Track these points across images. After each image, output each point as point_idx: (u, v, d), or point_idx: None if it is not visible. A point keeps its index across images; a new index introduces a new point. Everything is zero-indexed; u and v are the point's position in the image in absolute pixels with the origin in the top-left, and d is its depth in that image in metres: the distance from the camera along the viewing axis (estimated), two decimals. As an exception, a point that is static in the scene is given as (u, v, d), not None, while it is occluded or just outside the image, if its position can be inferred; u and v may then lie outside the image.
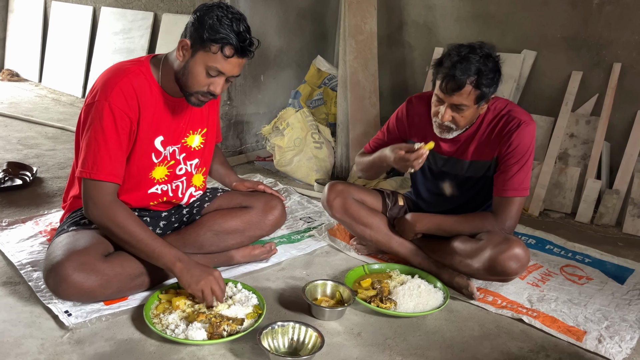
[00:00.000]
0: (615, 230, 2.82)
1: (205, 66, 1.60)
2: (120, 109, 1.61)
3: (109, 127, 1.60)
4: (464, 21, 3.41)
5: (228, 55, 1.58)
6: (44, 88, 5.35)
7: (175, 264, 1.63)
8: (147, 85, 1.68)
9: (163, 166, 1.80)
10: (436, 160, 2.03)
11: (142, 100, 1.66)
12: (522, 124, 1.85)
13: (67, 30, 5.24)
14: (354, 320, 1.76)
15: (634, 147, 2.86)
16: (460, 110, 1.80)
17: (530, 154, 1.87)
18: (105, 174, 1.61)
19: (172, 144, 1.79)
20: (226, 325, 1.56)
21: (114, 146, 1.62)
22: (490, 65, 1.75)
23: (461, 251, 1.91)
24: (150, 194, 1.81)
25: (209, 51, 1.58)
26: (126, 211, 1.66)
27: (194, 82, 1.63)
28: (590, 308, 1.92)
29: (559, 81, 3.10)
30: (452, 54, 1.77)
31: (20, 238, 2.09)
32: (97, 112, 1.60)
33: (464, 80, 1.73)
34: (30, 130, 3.80)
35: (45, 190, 2.69)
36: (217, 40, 1.56)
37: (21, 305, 1.68)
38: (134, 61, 1.72)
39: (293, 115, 3.21)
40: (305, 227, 2.49)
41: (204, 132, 1.89)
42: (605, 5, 2.90)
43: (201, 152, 1.90)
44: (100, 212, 1.64)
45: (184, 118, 1.80)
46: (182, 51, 1.62)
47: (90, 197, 1.64)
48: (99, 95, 1.61)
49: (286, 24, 3.69)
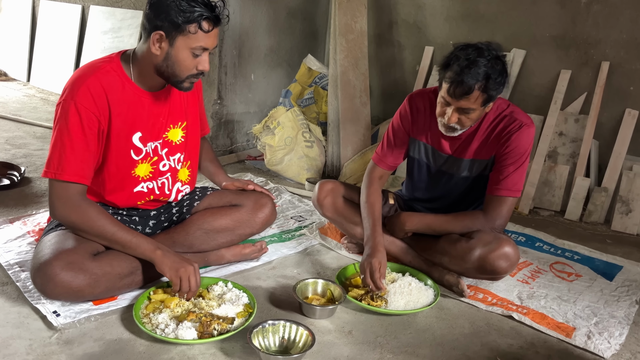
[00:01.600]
0: (604, 227, 2.84)
1: (189, 49, 1.59)
2: (86, 108, 1.58)
3: (74, 127, 1.58)
4: (454, 20, 3.43)
5: (207, 30, 1.58)
6: (32, 87, 5.31)
7: (155, 251, 1.64)
8: (118, 82, 1.65)
9: (146, 163, 1.78)
10: (436, 158, 2.03)
11: (112, 98, 1.63)
12: (522, 127, 1.85)
13: (56, 29, 5.20)
14: (345, 319, 1.76)
15: (622, 145, 2.88)
16: (467, 113, 1.78)
17: (526, 157, 1.88)
18: (69, 174, 1.58)
19: (152, 139, 1.77)
20: (216, 325, 1.55)
21: (79, 146, 1.59)
22: (498, 68, 1.72)
23: (451, 250, 1.92)
24: (136, 192, 1.80)
25: (188, 33, 1.56)
26: (95, 208, 1.64)
27: (182, 68, 1.62)
28: (580, 304, 1.94)
29: (548, 80, 3.12)
30: (460, 57, 1.72)
31: (8, 238, 2.07)
32: (64, 111, 1.58)
33: (473, 86, 1.70)
34: (19, 130, 3.76)
35: (33, 190, 2.67)
36: (193, 20, 1.54)
37: (9, 306, 1.66)
38: (105, 58, 1.69)
39: (284, 114, 3.21)
40: (296, 226, 2.49)
41: (184, 126, 1.86)
42: (594, 4, 2.92)
43: (184, 146, 1.88)
44: (69, 211, 1.62)
45: (162, 112, 1.78)
46: (157, 44, 1.59)
47: (56, 197, 1.61)
48: (66, 95, 1.59)
49: (276, 23, 3.68)
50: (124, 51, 1.73)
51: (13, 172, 2.77)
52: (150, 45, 1.60)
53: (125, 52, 1.72)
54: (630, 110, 2.89)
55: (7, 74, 5.68)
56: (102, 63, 1.66)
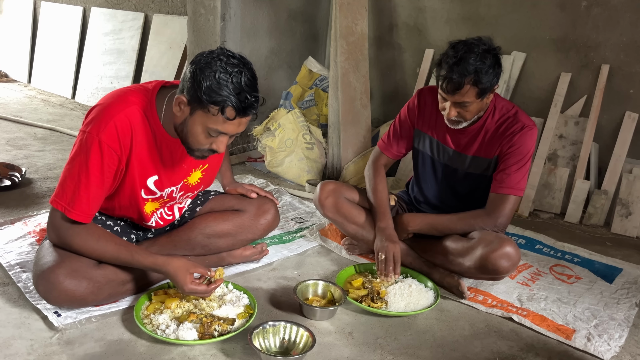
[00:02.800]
0: (603, 230, 2.84)
1: (205, 127, 1.48)
2: (110, 146, 1.51)
3: (94, 166, 1.51)
4: (454, 23, 3.43)
5: (229, 118, 1.45)
6: (33, 89, 5.31)
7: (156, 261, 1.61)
8: (146, 122, 1.57)
9: (156, 202, 1.75)
10: (441, 152, 2.05)
11: (136, 139, 1.55)
12: (525, 128, 1.89)
13: (57, 31, 5.21)
14: (345, 320, 1.76)
15: (622, 148, 2.89)
16: (464, 107, 1.83)
17: (529, 157, 1.91)
18: (78, 214, 1.54)
19: (170, 185, 1.72)
20: (217, 325, 1.56)
21: (95, 186, 1.53)
22: (488, 62, 1.77)
23: (453, 250, 1.93)
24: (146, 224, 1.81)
25: (207, 112, 1.45)
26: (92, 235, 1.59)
27: (194, 141, 1.53)
28: (579, 307, 1.94)
29: (548, 82, 3.13)
30: (449, 55, 1.80)
31: (9, 239, 2.07)
32: (86, 146, 1.50)
33: (462, 81, 1.76)
34: (19, 131, 3.77)
35: (34, 191, 2.67)
36: (217, 103, 1.42)
37: (10, 306, 1.66)
38: (141, 90, 1.59)
39: (284, 116, 3.21)
40: (297, 228, 2.49)
41: (205, 168, 1.80)
42: (594, 7, 2.93)
43: (199, 185, 1.85)
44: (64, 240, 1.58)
45: (186, 159, 1.70)
46: (179, 106, 1.50)
47: (54, 227, 1.58)
48: (92, 127, 1.51)
49: (277, 25, 3.69)
50: (164, 83, 1.63)
51: (14, 173, 2.77)
52: (174, 105, 1.51)
53: (165, 86, 1.62)
54: (630, 113, 2.89)
55: (8, 75, 5.69)
56: (136, 97, 1.56)
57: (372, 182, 2.15)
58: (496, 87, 1.85)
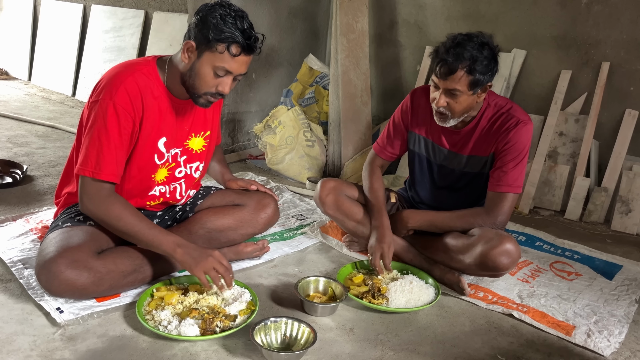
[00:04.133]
0: (603, 227, 2.85)
1: (212, 67, 1.58)
2: (124, 108, 1.60)
3: (112, 127, 1.59)
4: (455, 20, 3.44)
5: (235, 54, 1.57)
6: (33, 86, 5.31)
7: (176, 250, 1.63)
8: (152, 86, 1.66)
9: (164, 168, 1.79)
10: (436, 153, 2.05)
11: (146, 101, 1.64)
12: (520, 123, 1.88)
13: (57, 29, 5.20)
14: (346, 316, 1.77)
15: (622, 145, 2.89)
16: (455, 96, 1.82)
17: (525, 153, 1.90)
18: (107, 174, 1.61)
19: (175, 146, 1.78)
20: (219, 321, 1.56)
21: (116, 146, 1.61)
22: (485, 53, 1.78)
23: (453, 247, 1.93)
24: (149, 195, 1.82)
25: (215, 51, 1.56)
26: (121, 203, 1.65)
27: (202, 83, 1.62)
28: (579, 303, 1.95)
29: (549, 80, 3.13)
30: (448, 41, 1.81)
31: (11, 236, 2.08)
32: (101, 110, 1.59)
33: (457, 65, 1.76)
34: (20, 129, 3.77)
35: (36, 188, 2.68)
36: (223, 40, 1.54)
37: (12, 303, 1.67)
38: (141, 60, 1.71)
39: (285, 113, 3.22)
40: (298, 225, 2.50)
41: (207, 135, 1.88)
42: (594, 4, 2.93)
43: (205, 155, 1.90)
44: (96, 207, 1.63)
45: (187, 121, 1.79)
46: (187, 53, 1.60)
47: (86, 193, 1.63)
48: (104, 94, 1.60)
49: (278, 22, 3.69)
50: (160, 56, 1.75)
51: (15, 170, 2.78)
52: (182, 52, 1.61)
53: (161, 58, 1.73)
54: (631, 110, 2.90)
55: (9, 73, 5.69)
56: (139, 65, 1.67)
57: (367, 181, 2.16)
58: (489, 85, 1.85)
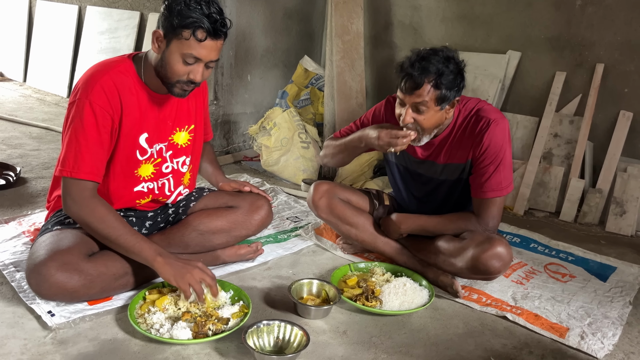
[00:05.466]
0: (598, 228, 2.85)
1: (180, 54, 1.58)
2: (101, 106, 1.59)
3: (89, 125, 1.59)
4: (450, 22, 3.44)
5: (201, 39, 1.55)
6: (28, 88, 5.30)
7: (156, 258, 1.61)
8: (130, 82, 1.66)
9: (149, 164, 1.79)
10: (411, 162, 2.05)
11: (124, 98, 1.64)
12: (491, 123, 1.83)
13: (52, 30, 5.19)
14: (340, 319, 1.77)
15: (617, 147, 2.90)
16: (421, 112, 1.78)
17: (504, 152, 1.85)
18: (85, 173, 1.60)
19: (158, 141, 1.78)
20: (211, 325, 1.56)
21: (94, 144, 1.61)
22: (451, 67, 1.75)
23: (445, 250, 1.93)
24: (136, 192, 1.80)
25: (181, 38, 1.55)
26: (105, 207, 1.65)
27: (172, 72, 1.61)
28: (573, 305, 1.95)
29: (543, 81, 3.14)
30: (412, 55, 1.79)
31: (3, 238, 2.06)
32: (78, 110, 1.59)
33: (423, 79, 1.73)
34: (14, 130, 3.76)
35: (29, 190, 2.66)
36: (188, 25, 1.53)
37: (3, 306, 1.66)
38: (116, 59, 1.71)
39: (280, 115, 3.21)
40: (292, 227, 2.49)
41: (191, 129, 1.88)
42: (588, 6, 2.94)
43: (190, 149, 1.89)
44: (79, 208, 1.62)
45: (170, 115, 1.79)
46: (156, 43, 1.61)
47: (69, 194, 1.62)
48: (80, 93, 1.60)
49: (273, 24, 3.69)
50: (136, 53, 1.74)
51: (9, 172, 2.77)
52: (152, 42, 1.62)
53: (137, 54, 1.73)
54: (625, 112, 2.90)
55: (4, 74, 5.67)
56: (114, 63, 1.67)
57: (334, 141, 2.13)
58: (457, 100, 1.82)
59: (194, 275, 1.60)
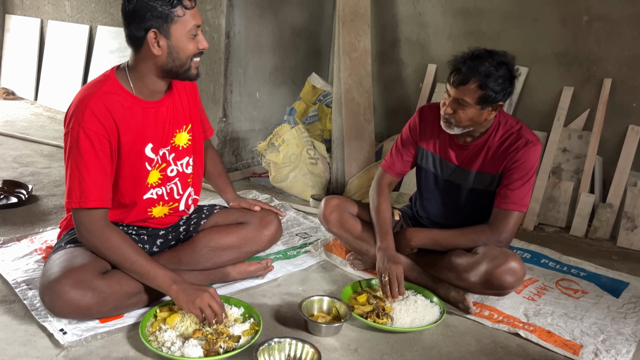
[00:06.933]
0: (609, 243, 2.83)
1: (186, 32, 1.61)
2: (95, 132, 1.59)
3: (88, 153, 1.59)
4: (456, 38, 3.46)
5: (191, 6, 1.60)
6: (39, 106, 5.36)
7: (171, 286, 1.63)
8: (119, 99, 1.65)
9: (155, 170, 1.79)
10: (444, 168, 2.06)
11: (117, 116, 1.63)
12: (529, 144, 1.89)
13: (63, 49, 5.27)
14: (351, 336, 1.76)
15: (626, 161, 2.89)
16: (462, 107, 1.83)
17: (533, 173, 1.91)
18: (93, 201, 1.61)
19: (162, 146, 1.79)
20: (222, 342, 1.55)
21: (96, 171, 1.61)
22: (500, 72, 1.78)
23: (457, 265, 1.92)
24: (146, 199, 1.80)
25: (177, 19, 1.58)
26: (118, 235, 1.66)
27: (186, 55, 1.63)
28: (586, 322, 1.93)
29: (551, 96, 3.14)
30: (469, 52, 1.82)
31: (16, 256, 2.08)
32: (74, 139, 1.59)
33: (469, 77, 1.77)
34: (26, 149, 3.80)
35: (41, 208, 2.69)
36: (174, 4, 1.56)
37: (16, 324, 1.67)
38: (100, 78, 1.69)
39: (288, 131, 3.23)
40: (301, 243, 2.49)
41: (189, 128, 1.87)
42: (595, 22, 2.95)
43: (192, 149, 1.89)
44: (93, 237, 1.64)
45: (166, 119, 1.78)
46: (156, 43, 1.59)
47: (81, 224, 1.64)
48: (73, 122, 1.60)
49: (281, 42, 3.73)
50: (117, 67, 1.73)
51: (21, 190, 2.79)
52: (150, 48, 1.60)
53: (119, 67, 1.72)
54: (634, 126, 2.90)
55: (15, 93, 5.74)
56: (99, 83, 1.66)
57: (375, 201, 2.14)
58: (500, 105, 1.85)
59: (204, 300, 1.60)
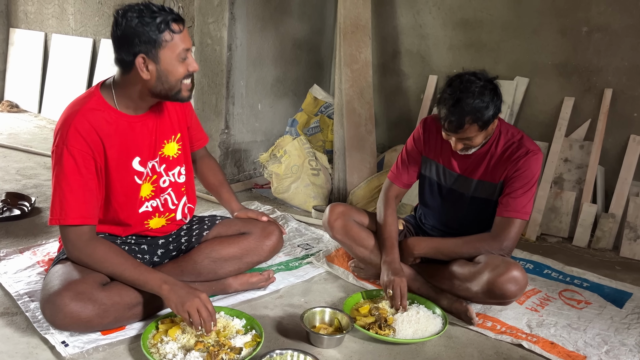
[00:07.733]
0: (612, 254, 2.82)
1: (175, 56, 1.61)
2: (79, 149, 1.60)
3: (70, 171, 1.60)
4: (457, 50, 3.48)
5: (179, 30, 1.60)
6: (43, 119, 5.40)
7: (162, 286, 1.62)
8: (103, 115, 1.66)
9: (147, 183, 1.80)
10: (447, 177, 2.07)
11: (102, 132, 1.64)
12: (530, 153, 1.91)
13: (67, 62, 5.31)
14: (353, 348, 1.75)
15: (628, 171, 2.89)
16: (469, 140, 1.88)
17: (534, 182, 1.92)
18: (73, 218, 1.61)
19: (150, 159, 1.79)
20: (224, 354, 1.55)
21: (78, 189, 1.61)
22: (486, 98, 1.80)
23: (460, 275, 1.92)
24: (142, 213, 1.82)
25: (165, 43, 1.58)
26: (104, 245, 1.66)
27: (175, 78, 1.63)
28: (590, 332, 1.92)
29: (552, 107, 3.15)
30: (447, 96, 1.83)
31: (18, 268, 2.08)
32: (57, 157, 1.61)
33: (462, 121, 1.80)
34: (29, 161, 3.82)
35: (43, 220, 2.69)
36: (162, 29, 1.57)
37: (18, 336, 1.67)
38: (84, 95, 1.71)
39: (290, 142, 3.25)
40: (303, 254, 2.49)
41: (178, 138, 1.88)
42: (594, 32, 2.97)
43: (182, 159, 1.90)
44: (79, 252, 1.65)
45: (152, 132, 1.78)
46: (144, 68, 1.60)
47: (67, 240, 1.65)
48: (58, 140, 1.61)
49: (283, 54, 3.75)
50: (102, 82, 1.74)
51: (24, 202, 2.80)
52: (138, 72, 1.60)
53: (104, 83, 1.73)
54: (635, 136, 2.90)
55: (19, 106, 5.78)
56: (83, 100, 1.67)
57: (382, 214, 2.15)
58: (499, 114, 1.88)
59: (194, 304, 1.58)
